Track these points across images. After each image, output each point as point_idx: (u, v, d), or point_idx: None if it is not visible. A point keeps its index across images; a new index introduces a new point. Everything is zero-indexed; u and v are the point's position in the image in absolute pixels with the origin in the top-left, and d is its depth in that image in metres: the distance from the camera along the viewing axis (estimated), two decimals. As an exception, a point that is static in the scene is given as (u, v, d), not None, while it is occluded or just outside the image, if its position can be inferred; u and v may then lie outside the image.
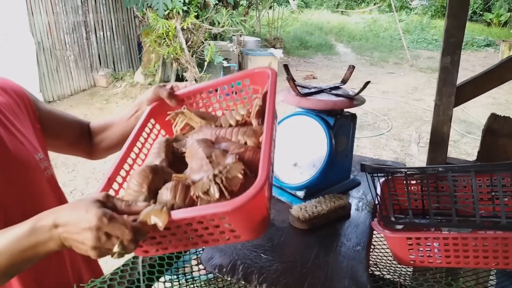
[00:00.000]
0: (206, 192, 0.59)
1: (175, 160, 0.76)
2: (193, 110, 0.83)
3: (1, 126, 0.82)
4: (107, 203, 0.57)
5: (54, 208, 0.59)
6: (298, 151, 1.13)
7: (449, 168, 0.82)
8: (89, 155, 1.05)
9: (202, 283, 0.92)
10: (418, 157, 4.16)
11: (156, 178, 0.66)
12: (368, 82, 1.07)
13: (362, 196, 1.22)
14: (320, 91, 1.10)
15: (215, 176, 0.59)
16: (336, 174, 1.18)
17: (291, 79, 1.01)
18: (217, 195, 0.58)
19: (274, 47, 9.06)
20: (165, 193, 0.62)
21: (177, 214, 0.57)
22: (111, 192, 0.67)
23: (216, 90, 0.86)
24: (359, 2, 17.94)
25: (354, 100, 1.05)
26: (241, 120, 0.79)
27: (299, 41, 11.30)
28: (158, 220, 0.56)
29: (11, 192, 0.80)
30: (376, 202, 0.97)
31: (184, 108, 0.83)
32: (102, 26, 6.54)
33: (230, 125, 0.80)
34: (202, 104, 0.89)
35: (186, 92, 0.87)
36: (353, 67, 1.10)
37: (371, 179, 0.96)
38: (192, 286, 0.90)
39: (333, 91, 1.11)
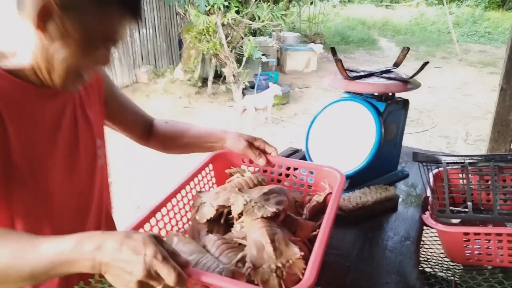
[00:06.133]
0: (265, 281, 0.59)
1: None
2: (253, 175, 0.86)
3: (72, 108, 0.83)
4: (162, 243, 0.55)
5: (107, 231, 0.56)
6: (343, 139, 1.08)
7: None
8: (141, 143, 1.06)
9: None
10: (465, 156, 3.92)
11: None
12: (426, 63, 0.98)
13: (411, 188, 1.15)
14: (370, 74, 1.03)
15: (277, 268, 0.60)
16: (383, 164, 1.11)
17: (339, 60, 0.95)
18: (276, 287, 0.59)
19: (314, 42, 8.92)
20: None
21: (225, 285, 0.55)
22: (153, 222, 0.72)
23: (295, 169, 0.90)
24: (405, -5, 17.17)
25: (408, 83, 0.97)
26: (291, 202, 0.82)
27: (340, 36, 11.04)
28: None
29: (64, 175, 0.80)
30: (428, 194, 0.90)
31: (248, 171, 0.88)
32: (145, 24, 6.76)
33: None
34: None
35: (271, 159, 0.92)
36: (408, 48, 1.01)
37: (424, 169, 0.89)
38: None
39: (385, 75, 1.03)
